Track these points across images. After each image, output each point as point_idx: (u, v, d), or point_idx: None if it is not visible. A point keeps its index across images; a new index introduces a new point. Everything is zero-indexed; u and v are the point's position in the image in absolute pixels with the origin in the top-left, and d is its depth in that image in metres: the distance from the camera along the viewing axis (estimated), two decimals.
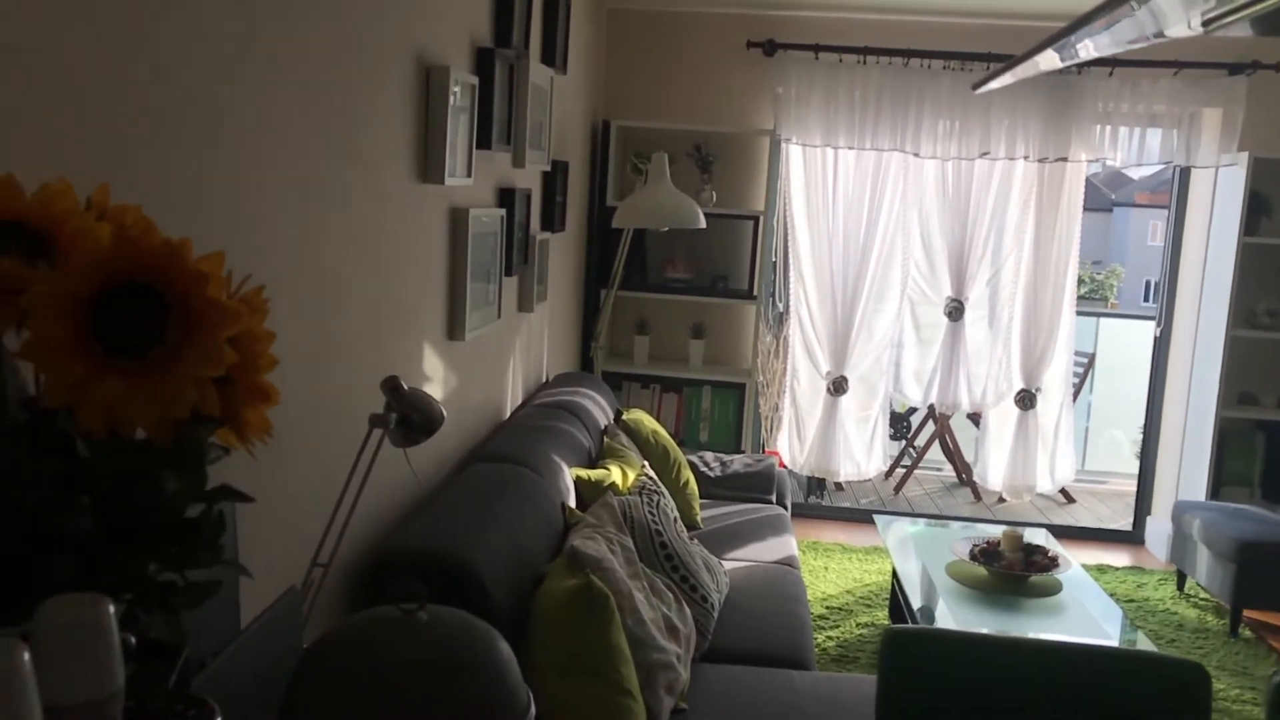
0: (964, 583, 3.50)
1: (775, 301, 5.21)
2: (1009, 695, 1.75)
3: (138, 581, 0.98)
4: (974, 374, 5.23)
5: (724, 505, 3.96)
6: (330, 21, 1.93)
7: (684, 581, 2.73)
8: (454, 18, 2.69)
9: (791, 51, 4.90)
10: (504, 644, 1.20)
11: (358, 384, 2.14)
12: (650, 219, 4.05)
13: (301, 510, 1.88)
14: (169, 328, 0.87)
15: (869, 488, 6.02)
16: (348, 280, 2.10)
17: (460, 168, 2.69)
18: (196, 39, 1.47)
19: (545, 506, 2.67)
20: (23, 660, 0.71)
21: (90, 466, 0.94)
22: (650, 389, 5.15)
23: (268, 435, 0.99)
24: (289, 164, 1.80)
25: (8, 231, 0.99)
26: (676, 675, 2.30)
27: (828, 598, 4.31)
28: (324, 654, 1.16)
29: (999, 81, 3.24)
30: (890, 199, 5.01)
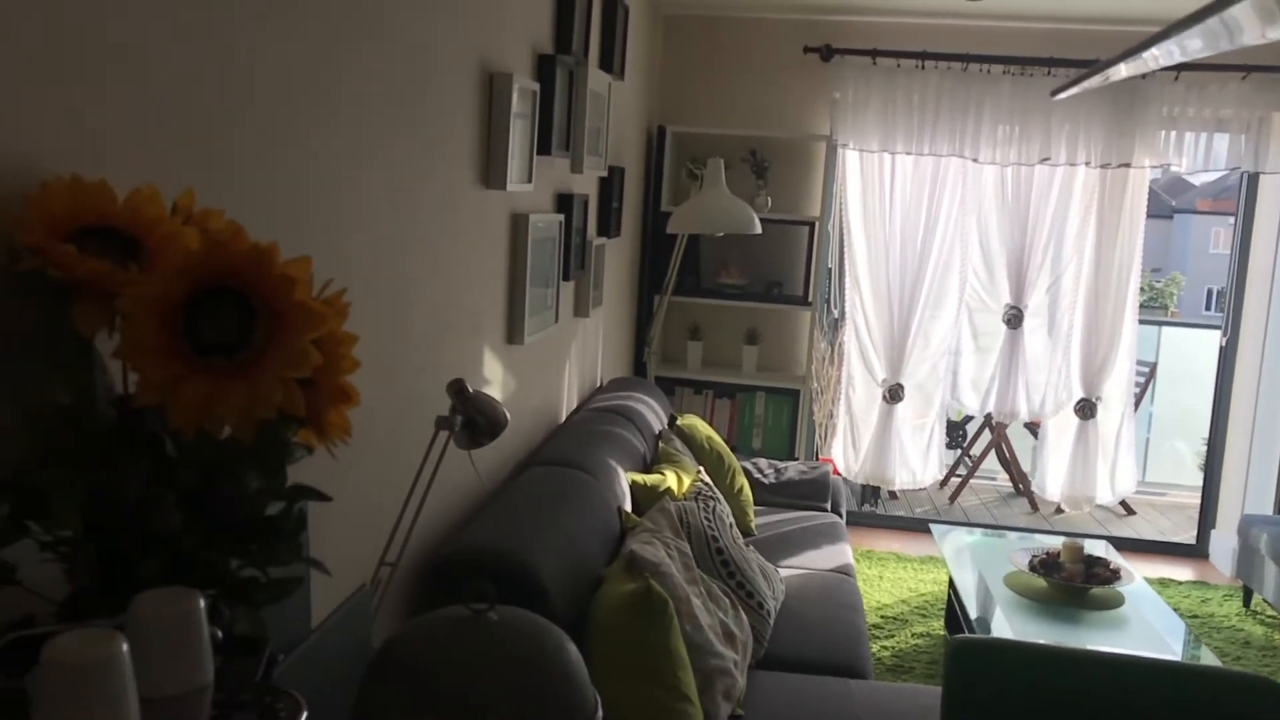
0: (1023, 594, 3.45)
1: (830, 308, 5.18)
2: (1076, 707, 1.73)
3: (221, 577, 1.00)
4: (1033, 382, 5.15)
5: (778, 512, 3.95)
6: (406, 32, 1.96)
7: (740, 588, 2.72)
8: (516, 25, 2.72)
9: (849, 56, 4.88)
10: (572, 645, 1.21)
11: (422, 386, 2.17)
12: (705, 224, 4.05)
13: (367, 510, 1.91)
14: (256, 330, 0.89)
15: (923, 496, 5.95)
16: (414, 284, 2.13)
17: (521, 173, 2.72)
18: (284, 51, 1.50)
19: (602, 510, 2.69)
20: (122, 651, 0.73)
21: (178, 465, 0.97)
22: (703, 395, 5.15)
23: (347, 436, 1.01)
24: (366, 171, 1.83)
25: (100, 235, 1.02)
26: (734, 682, 2.30)
27: (882, 607, 4.27)
28: (396, 652, 1.18)
29: (1080, 88, 3.19)
30: (948, 205, 4.96)
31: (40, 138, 1.06)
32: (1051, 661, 1.76)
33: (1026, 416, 5.32)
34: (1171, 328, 8.70)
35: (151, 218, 1.03)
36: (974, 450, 6.29)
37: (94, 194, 1.00)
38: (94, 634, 0.74)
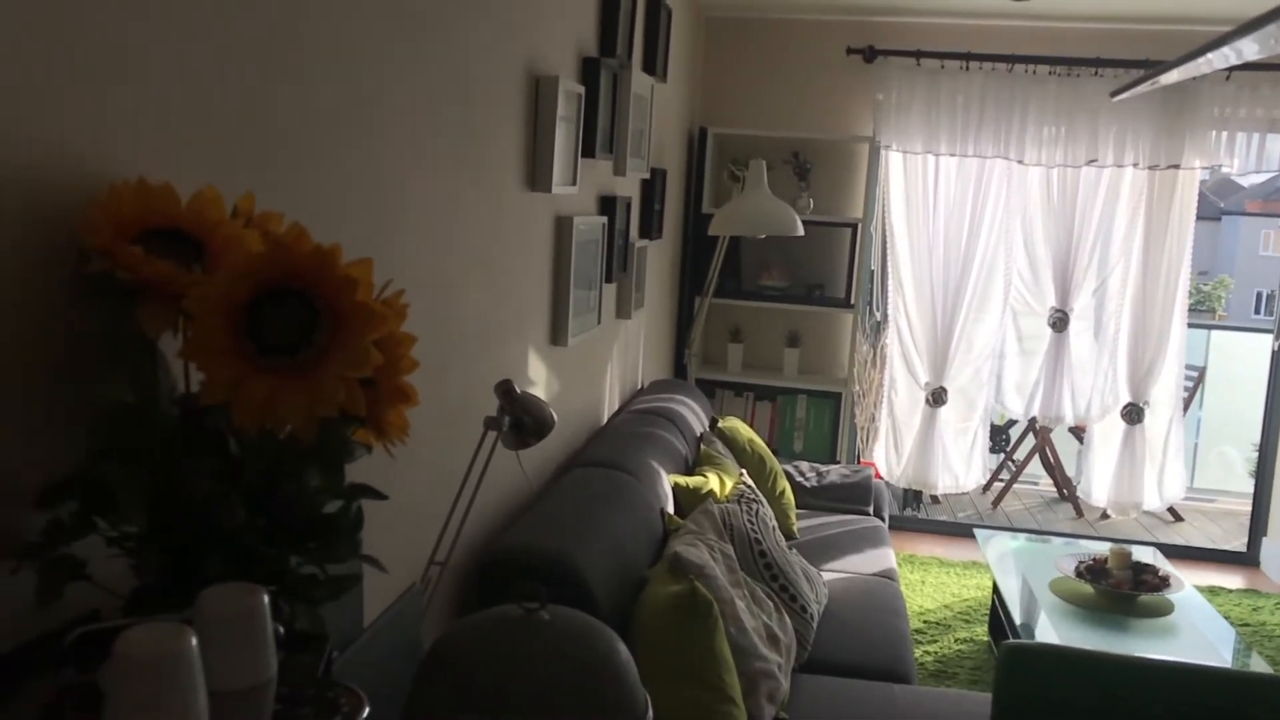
0: (1069, 600, 3.41)
1: (873, 310, 5.15)
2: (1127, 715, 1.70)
3: (281, 574, 1.02)
4: (1078, 386, 5.08)
5: (820, 516, 3.93)
6: (456, 36, 1.98)
7: (783, 591, 2.71)
8: (562, 29, 2.73)
9: (892, 58, 4.85)
10: (623, 645, 1.22)
11: (468, 387, 2.19)
12: (747, 226, 4.04)
13: (415, 508, 1.93)
14: (319, 330, 0.90)
15: (966, 501, 5.90)
16: (461, 285, 2.14)
17: (566, 176, 2.73)
18: (338, 58, 1.52)
19: (645, 512, 2.69)
20: (191, 645, 0.75)
21: (240, 463, 0.98)
22: (744, 397, 5.14)
23: (405, 435, 1.03)
24: (416, 174, 1.85)
25: (165, 238, 1.04)
26: (778, 685, 2.29)
27: (925, 612, 4.24)
28: (449, 650, 1.19)
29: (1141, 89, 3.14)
30: (993, 207, 4.91)
31: (105, 142, 1.08)
32: (1102, 668, 1.74)
33: (1071, 421, 5.26)
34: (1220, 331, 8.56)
35: (214, 220, 1.05)
36: (1017, 454, 6.22)
37: (159, 197, 1.02)
38: (164, 628, 0.75)
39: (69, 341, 1.03)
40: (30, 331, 0.98)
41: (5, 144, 0.94)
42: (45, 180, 0.99)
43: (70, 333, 1.03)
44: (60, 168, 1.01)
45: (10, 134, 0.94)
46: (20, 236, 0.96)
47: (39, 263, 0.99)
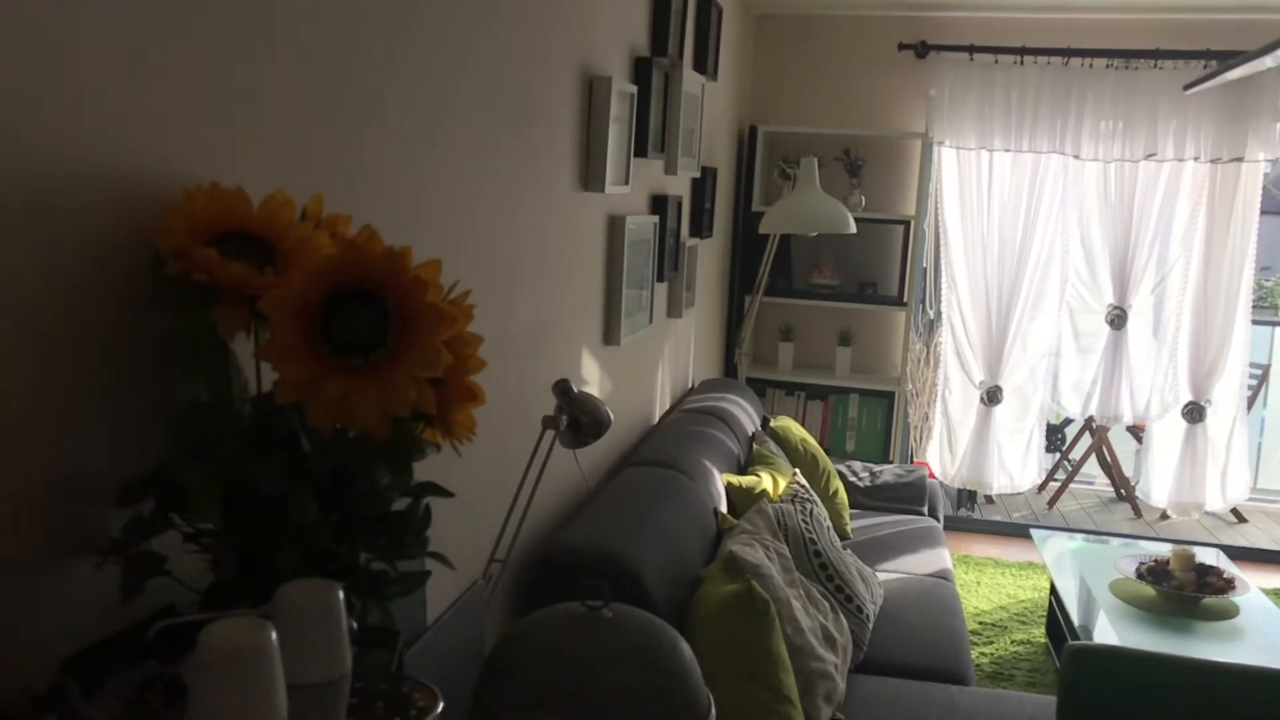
0: (1129, 602, 3.35)
1: (926, 308, 5.10)
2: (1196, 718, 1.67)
3: (351, 570, 1.03)
4: (1137, 385, 4.99)
5: (874, 516, 3.90)
6: (514, 38, 2.00)
7: (839, 591, 2.70)
8: (615, 29, 2.74)
9: (944, 53, 4.80)
10: (686, 645, 1.22)
11: (523, 386, 2.20)
12: (799, 224, 4.02)
13: (473, 507, 1.95)
14: (390, 330, 0.92)
15: (1020, 501, 5.82)
16: (516, 285, 2.16)
17: (618, 176, 2.74)
18: (399, 63, 1.54)
19: (699, 511, 2.69)
20: (271, 639, 0.76)
21: (313, 461, 1.00)
22: (795, 396, 5.11)
23: (472, 434, 1.04)
24: (473, 175, 1.86)
25: (237, 240, 1.06)
26: (835, 685, 2.28)
27: (981, 613, 4.19)
28: (514, 647, 1.20)
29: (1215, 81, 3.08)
30: (1048, 203, 4.84)
31: (178, 146, 1.10)
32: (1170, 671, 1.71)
33: (1130, 420, 5.16)
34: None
35: (285, 223, 1.07)
36: (1073, 454, 6.13)
37: (232, 201, 1.05)
38: (246, 622, 0.77)
39: (146, 343, 1.06)
40: (110, 333, 1.01)
41: (86, 150, 0.96)
42: (122, 184, 1.02)
43: (148, 334, 1.06)
44: (136, 172, 1.04)
45: (90, 140, 0.97)
46: (99, 240, 0.99)
47: (118, 266, 1.01)
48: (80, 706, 0.78)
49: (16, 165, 0.88)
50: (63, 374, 0.95)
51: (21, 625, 0.91)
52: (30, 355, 0.91)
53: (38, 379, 0.92)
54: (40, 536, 0.93)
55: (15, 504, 0.90)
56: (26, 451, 0.91)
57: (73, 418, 0.97)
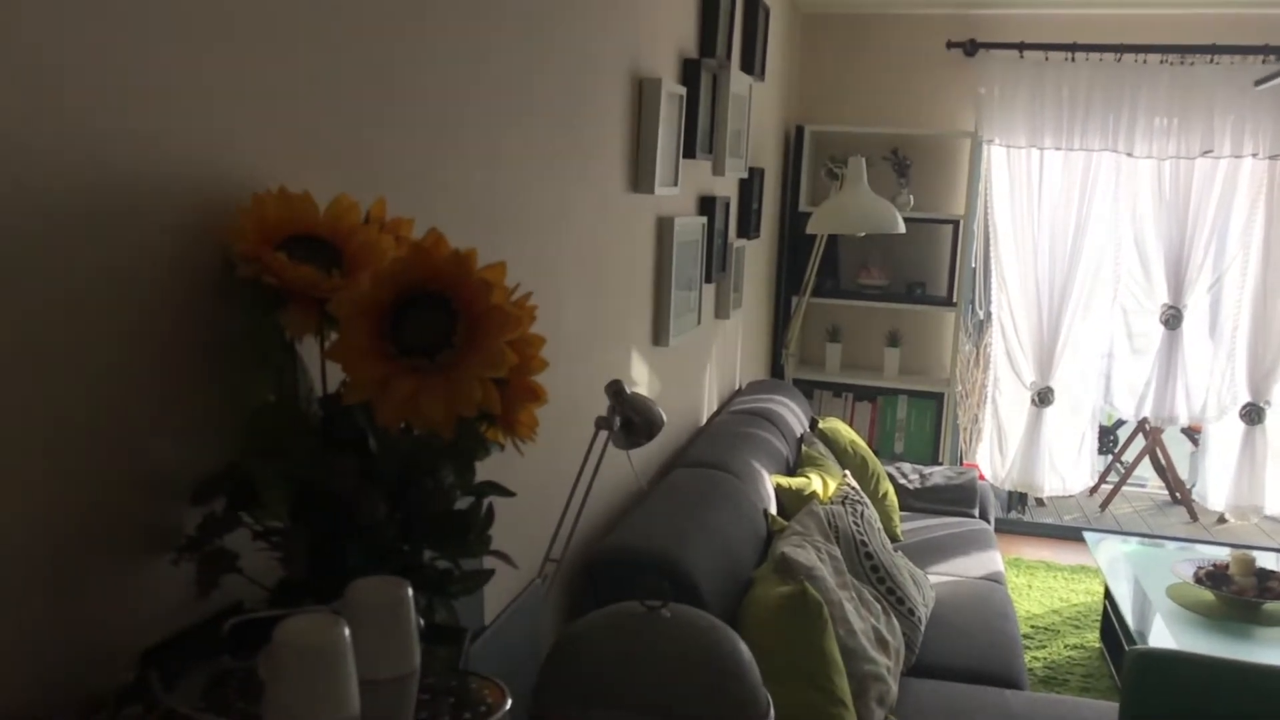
0: (1188, 607, 3.29)
1: (975, 309, 5.05)
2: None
3: (416, 568, 1.05)
4: (1193, 386, 4.90)
5: (924, 518, 3.87)
6: (566, 40, 2.01)
7: (890, 594, 2.68)
8: (664, 31, 2.75)
9: (994, 51, 4.75)
10: (744, 645, 1.22)
11: (575, 386, 2.22)
12: (847, 224, 4.00)
13: (528, 507, 1.96)
14: (456, 332, 0.93)
15: (1072, 504, 5.74)
16: (569, 287, 2.17)
17: (667, 177, 2.74)
18: (460, 67, 1.56)
19: (749, 512, 2.69)
20: (344, 636, 0.77)
21: (380, 460, 1.02)
22: (842, 398, 5.09)
23: (535, 433, 1.05)
24: (527, 178, 1.88)
25: (304, 243, 1.08)
26: (887, 688, 2.27)
27: (1032, 616, 4.14)
28: (574, 645, 1.21)
29: None
30: (1100, 201, 4.77)
31: (244, 151, 1.12)
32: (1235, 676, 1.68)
33: (1185, 421, 5.07)
34: None
35: (350, 226, 1.08)
36: (1126, 456, 6.03)
37: (300, 205, 1.06)
38: (320, 618, 0.78)
39: (216, 345, 1.08)
40: (183, 335, 1.03)
41: (158, 156, 0.98)
42: (194, 189, 1.04)
43: (218, 337, 1.08)
44: (206, 177, 1.06)
45: (162, 147, 0.99)
46: (172, 244, 1.01)
47: (189, 269, 1.04)
48: (163, 697, 0.80)
49: (96, 170, 0.91)
50: (140, 375, 0.97)
51: (107, 620, 0.93)
52: (110, 357, 0.94)
53: (118, 380, 0.94)
54: (124, 535, 0.95)
55: (100, 503, 0.93)
56: (110, 451, 0.94)
57: (150, 418, 0.99)
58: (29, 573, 0.86)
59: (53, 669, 0.88)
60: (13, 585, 0.85)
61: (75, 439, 0.90)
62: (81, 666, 0.90)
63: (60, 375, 0.88)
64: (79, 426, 0.90)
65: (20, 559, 0.85)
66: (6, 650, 0.84)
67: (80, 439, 0.91)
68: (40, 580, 0.87)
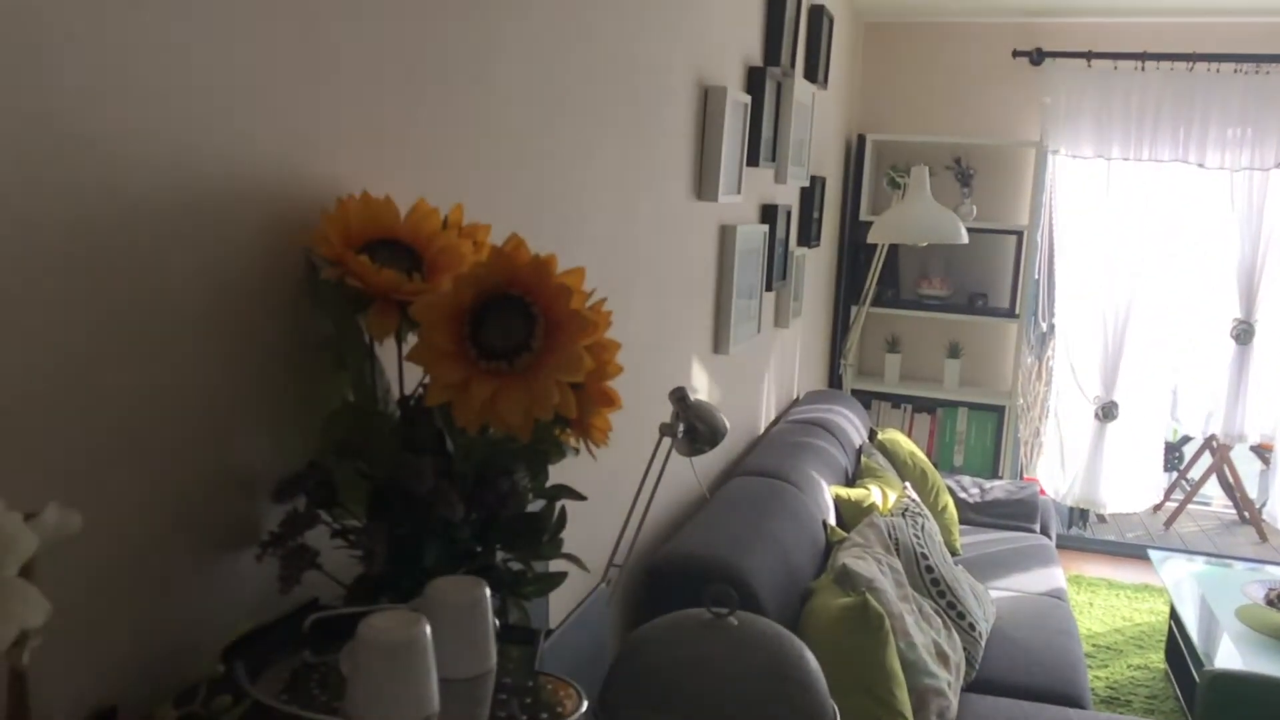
0: (1258, 629, 3.20)
1: (1039, 321, 4.97)
2: None
3: (489, 569, 1.06)
4: (1264, 403, 4.78)
5: (985, 532, 3.82)
6: (633, 48, 2.02)
7: (951, 608, 2.65)
8: (729, 39, 2.75)
9: (1060, 60, 4.68)
10: (812, 655, 1.22)
11: (639, 392, 2.22)
12: (909, 234, 3.96)
13: (594, 512, 1.97)
14: (535, 336, 0.94)
15: (1135, 521, 5.62)
16: (632, 292, 2.18)
17: (731, 185, 2.74)
18: (531, 75, 1.58)
19: (808, 523, 2.67)
20: (425, 633, 0.79)
21: (458, 461, 1.03)
22: (901, 409, 5.04)
23: (607, 438, 1.05)
24: (595, 184, 1.89)
25: (385, 247, 1.10)
26: (948, 703, 2.24)
27: (1094, 635, 4.06)
28: (641, 650, 1.21)
29: None
30: (1169, 213, 4.68)
31: (327, 157, 1.15)
32: None
33: (1255, 439, 4.95)
34: None
35: (430, 231, 1.10)
36: (1192, 473, 5.89)
37: (382, 210, 1.09)
38: (402, 616, 0.80)
39: (299, 346, 1.10)
40: (265, 337, 1.06)
41: (245, 160, 1.01)
42: (277, 194, 1.07)
43: (299, 338, 1.10)
44: (289, 180, 1.08)
45: (247, 150, 1.01)
46: (259, 246, 1.04)
47: (274, 273, 1.06)
48: (250, 689, 0.82)
49: (182, 173, 0.93)
50: (226, 375, 1.00)
51: (194, 613, 0.95)
52: (199, 357, 0.96)
53: (204, 380, 0.97)
54: (210, 531, 0.98)
55: (188, 500, 0.95)
56: (197, 449, 0.96)
57: (235, 417, 1.02)
58: (120, 567, 0.88)
59: (145, 660, 0.90)
60: (110, 579, 0.87)
61: (164, 433, 0.93)
62: (170, 658, 0.93)
63: (149, 374, 0.91)
64: (167, 421, 0.93)
65: (111, 555, 0.88)
66: (104, 641, 0.87)
67: (169, 433, 0.93)
68: (131, 569, 0.90)
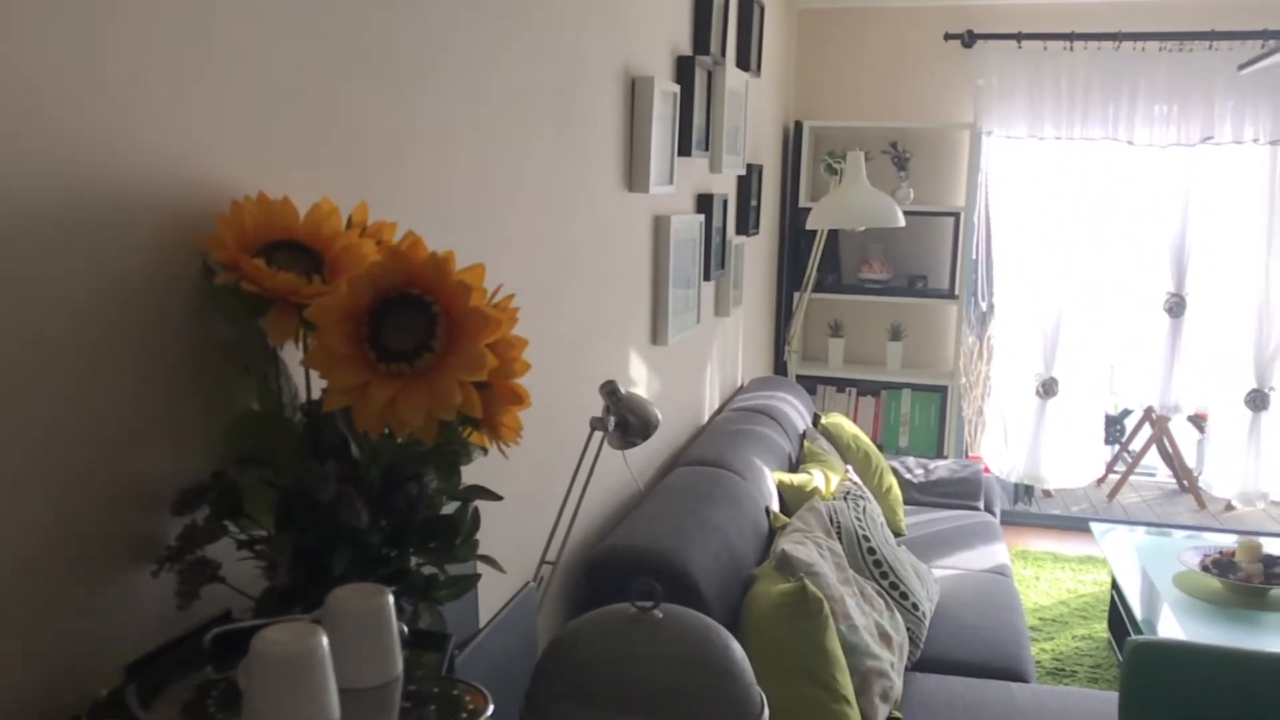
0: (1194, 595, 3.27)
1: (978, 301, 5.03)
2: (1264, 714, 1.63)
3: (402, 574, 1.04)
4: (1197, 373, 4.89)
5: (929, 512, 3.86)
6: (559, 40, 2.00)
7: (894, 588, 2.67)
8: (657, 29, 2.74)
9: (991, 41, 4.73)
10: (737, 644, 1.21)
11: (571, 387, 2.21)
12: (847, 219, 3.98)
13: (521, 509, 1.95)
14: (436, 335, 0.92)
15: (1079, 494, 5.72)
16: (562, 286, 2.16)
17: (663, 176, 2.73)
18: (449, 65, 1.56)
19: (750, 510, 2.68)
20: (323, 643, 0.77)
21: (363, 466, 1.01)
22: (846, 393, 5.07)
23: (518, 437, 1.04)
24: (518, 178, 1.87)
25: (284, 250, 1.08)
26: (891, 683, 2.26)
27: (1040, 608, 4.12)
28: (566, 647, 1.20)
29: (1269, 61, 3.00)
30: (1102, 190, 4.75)
31: (224, 157, 1.12)
32: (1237, 665, 1.66)
33: (1191, 410, 5.05)
34: None
35: (331, 231, 1.08)
36: (1133, 445, 6.01)
37: (279, 211, 1.06)
38: (298, 627, 0.78)
39: (200, 353, 1.07)
40: (162, 344, 1.03)
41: (134, 162, 0.98)
42: (170, 196, 1.04)
43: (201, 345, 1.08)
44: (185, 183, 1.05)
45: (138, 152, 0.98)
46: (151, 252, 1.01)
47: (170, 276, 1.03)
48: (139, 712, 0.79)
49: (72, 178, 0.90)
50: (122, 385, 0.97)
51: (91, 633, 0.93)
52: (90, 367, 0.93)
53: (98, 390, 0.94)
54: (106, 546, 0.95)
55: (82, 514, 0.92)
56: (91, 462, 0.93)
57: (132, 428, 0.99)
58: (8, 584, 0.86)
59: (38, 685, 0.87)
60: None
61: (55, 449, 0.90)
62: (67, 681, 0.90)
63: (38, 384, 0.88)
64: (58, 436, 0.90)
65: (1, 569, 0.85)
66: None
67: (60, 449, 0.90)
68: (21, 591, 0.87)
